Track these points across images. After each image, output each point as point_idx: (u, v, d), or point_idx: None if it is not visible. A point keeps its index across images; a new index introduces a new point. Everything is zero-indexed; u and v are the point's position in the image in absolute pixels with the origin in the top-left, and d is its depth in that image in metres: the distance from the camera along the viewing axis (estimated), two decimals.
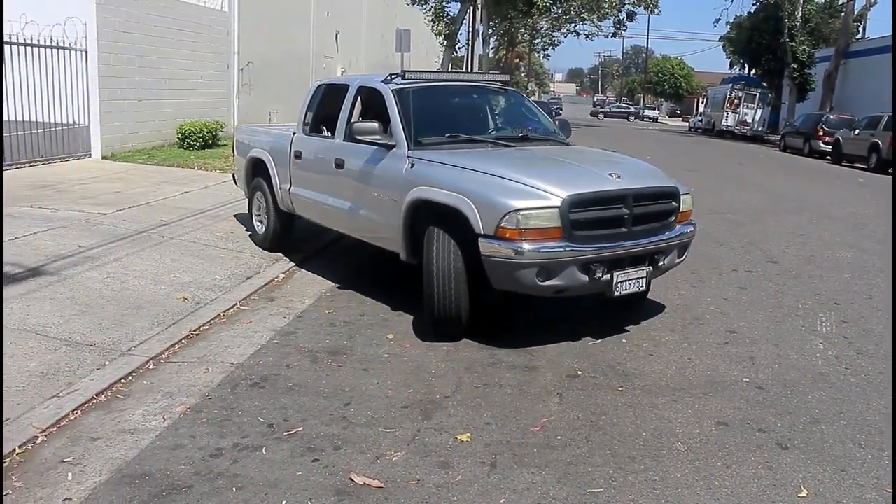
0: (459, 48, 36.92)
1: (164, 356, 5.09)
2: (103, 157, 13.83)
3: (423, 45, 32.82)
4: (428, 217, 5.63)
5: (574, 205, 5.15)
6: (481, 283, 5.42)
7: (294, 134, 7.66)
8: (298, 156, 7.46)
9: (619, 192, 5.43)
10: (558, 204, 5.11)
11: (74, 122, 13.41)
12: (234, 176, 9.29)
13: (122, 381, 4.64)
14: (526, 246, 5.03)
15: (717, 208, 12.52)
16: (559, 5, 35.93)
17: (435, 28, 30.95)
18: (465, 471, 3.69)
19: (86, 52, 13.38)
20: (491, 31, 39.97)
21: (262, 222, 8.16)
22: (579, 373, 5.02)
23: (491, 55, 42.53)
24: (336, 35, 25.78)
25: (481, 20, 33.87)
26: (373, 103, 6.93)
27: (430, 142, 6.25)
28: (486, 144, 6.53)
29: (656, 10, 39.43)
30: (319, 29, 24.12)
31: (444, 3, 31.10)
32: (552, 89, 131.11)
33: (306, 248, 8.15)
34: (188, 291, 6.41)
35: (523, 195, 5.17)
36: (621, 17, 39.47)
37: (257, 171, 8.21)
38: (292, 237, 8.13)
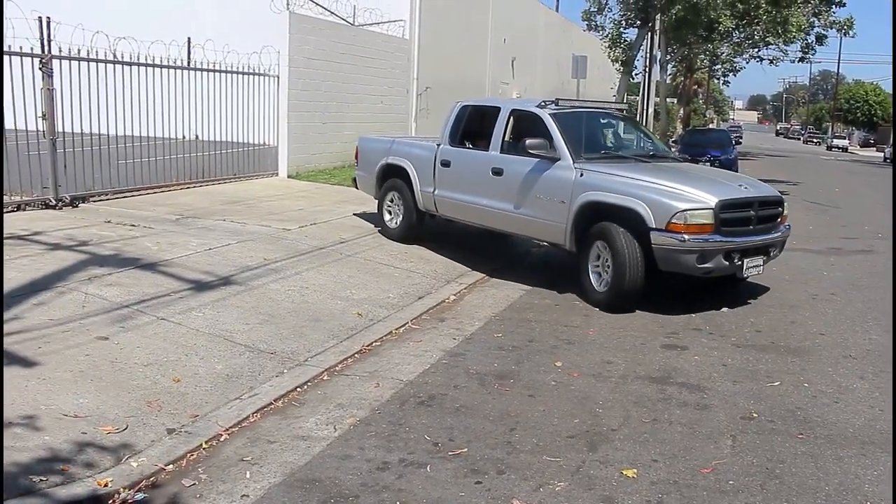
0: (636, 74, 36.29)
1: (337, 368, 5.31)
2: (289, 176, 14.66)
3: (598, 71, 32.53)
4: (595, 216, 7.05)
5: (723, 207, 6.73)
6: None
7: (439, 146, 8.82)
8: (446, 164, 8.67)
9: (750, 198, 7.14)
10: (712, 206, 6.67)
11: (265, 143, 14.33)
12: (354, 179, 10.45)
13: (298, 389, 4.89)
14: (689, 237, 6.58)
15: None
16: (742, 30, 34.47)
17: (611, 54, 30.60)
18: None
19: (278, 78, 14.28)
20: (669, 56, 38.99)
21: (390, 215, 9.47)
22: (755, 415, 4.75)
23: (668, 81, 41.53)
24: (512, 61, 26.09)
25: (659, 46, 33.14)
26: (524, 124, 8.12)
27: (589, 156, 7.55)
28: (629, 160, 7.98)
29: (850, 33, 36.72)
30: (496, 55, 24.51)
31: (621, 30, 30.71)
32: (732, 117, 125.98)
33: (476, 273, 8.26)
34: (362, 307, 6.65)
35: (686, 199, 6.70)
36: (809, 41, 37.15)
37: (391, 175, 9.45)
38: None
